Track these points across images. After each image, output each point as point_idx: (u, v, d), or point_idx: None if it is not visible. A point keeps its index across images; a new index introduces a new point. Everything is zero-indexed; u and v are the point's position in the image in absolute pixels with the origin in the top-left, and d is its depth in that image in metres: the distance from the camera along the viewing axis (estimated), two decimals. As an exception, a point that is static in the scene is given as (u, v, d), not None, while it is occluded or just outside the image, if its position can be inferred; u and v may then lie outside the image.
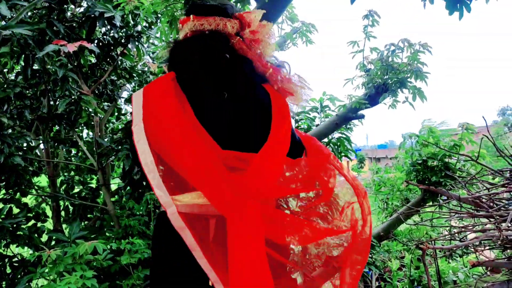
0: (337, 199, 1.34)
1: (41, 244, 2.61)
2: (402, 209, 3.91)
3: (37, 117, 2.82)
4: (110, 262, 2.16)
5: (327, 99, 4.04)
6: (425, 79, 3.38)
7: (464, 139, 3.72)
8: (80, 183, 3.34)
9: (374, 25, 3.55)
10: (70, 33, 2.67)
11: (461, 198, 2.33)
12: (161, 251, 1.18)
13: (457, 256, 3.99)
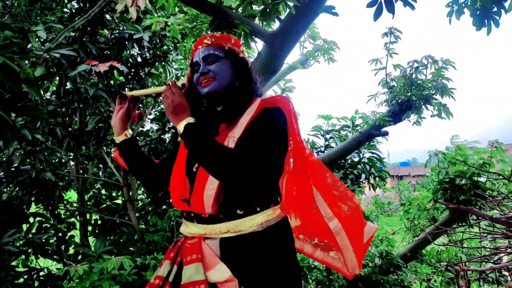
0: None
1: (68, 260, 2.67)
2: (430, 228, 3.80)
3: (68, 133, 2.92)
4: (135, 277, 2.18)
5: (359, 118, 4.01)
6: (451, 95, 3.33)
7: (495, 157, 3.61)
8: (108, 199, 3.41)
9: (396, 41, 3.54)
10: (101, 54, 2.79)
11: (494, 218, 2.24)
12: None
13: (489, 281, 3.81)
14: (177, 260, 1.25)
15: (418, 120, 3.37)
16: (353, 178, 3.74)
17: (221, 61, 1.32)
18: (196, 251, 1.21)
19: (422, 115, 3.38)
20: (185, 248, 1.25)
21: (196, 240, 1.24)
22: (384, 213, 7.87)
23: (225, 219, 1.22)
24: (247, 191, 1.24)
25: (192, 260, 1.20)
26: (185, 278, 1.17)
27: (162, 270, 1.25)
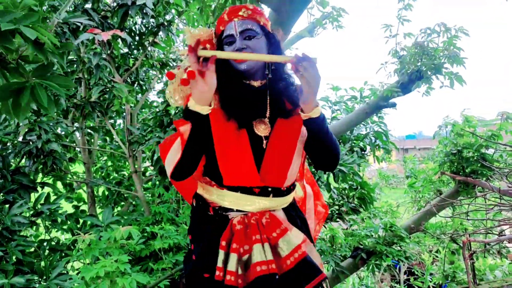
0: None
1: (76, 229, 2.71)
2: (435, 200, 3.80)
3: (73, 104, 2.90)
4: (142, 246, 2.21)
5: (368, 89, 3.93)
6: (463, 64, 3.23)
7: (503, 129, 3.55)
8: (114, 170, 3.43)
9: (408, 9, 3.41)
10: (103, 22, 2.72)
11: (502, 190, 2.23)
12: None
13: (493, 252, 3.85)
14: (264, 239, 1.24)
15: (427, 91, 3.29)
16: (358, 151, 3.71)
17: (258, 38, 1.28)
18: (278, 223, 1.28)
19: (432, 85, 3.30)
20: (266, 224, 1.26)
21: (269, 213, 1.28)
22: (388, 186, 7.91)
23: (292, 190, 1.37)
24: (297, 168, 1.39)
25: (282, 231, 1.27)
26: (286, 250, 1.24)
27: (259, 255, 1.21)
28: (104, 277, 1.86)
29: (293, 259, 1.23)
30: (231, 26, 1.27)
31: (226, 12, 1.31)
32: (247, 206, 1.27)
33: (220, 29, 1.31)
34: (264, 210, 1.27)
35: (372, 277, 4.30)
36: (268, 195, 1.27)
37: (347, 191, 3.53)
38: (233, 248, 1.22)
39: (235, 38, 1.26)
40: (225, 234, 1.24)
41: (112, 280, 1.88)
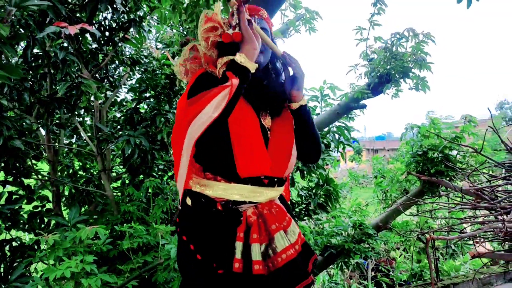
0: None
1: (38, 230, 2.60)
2: (402, 199, 3.93)
3: (37, 100, 2.78)
4: (110, 247, 2.15)
5: (327, 88, 4.00)
6: (430, 69, 3.36)
7: (466, 131, 3.72)
8: (82, 169, 3.33)
9: (380, 13, 3.51)
10: (71, 16, 2.62)
11: (463, 190, 2.33)
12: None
13: (455, 250, 4.02)
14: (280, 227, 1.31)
15: (396, 93, 3.40)
16: (323, 148, 3.78)
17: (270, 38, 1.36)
18: (285, 213, 1.37)
19: (400, 88, 3.41)
20: (278, 214, 1.33)
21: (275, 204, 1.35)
22: (358, 185, 8.09)
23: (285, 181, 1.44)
24: None
25: (290, 219, 1.37)
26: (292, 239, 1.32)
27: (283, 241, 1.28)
28: (69, 278, 1.80)
29: (300, 244, 1.37)
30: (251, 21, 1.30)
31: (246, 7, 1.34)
32: (258, 197, 1.29)
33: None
34: (270, 200, 1.35)
35: (341, 274, 4.39)
36: (274, 185, 1.34)
37: (314, 190, 3.59)
38: (253, 238, 1.24)
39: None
40: (242, 226, 1.25)
41: (77, 281, 1.83)
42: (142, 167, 3.00)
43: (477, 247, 2.67)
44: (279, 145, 1.35)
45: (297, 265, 1.27)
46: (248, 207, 1.29)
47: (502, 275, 3.13)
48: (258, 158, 1.28)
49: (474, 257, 2.19)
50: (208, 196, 1.29)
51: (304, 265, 1.34)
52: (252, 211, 1.28)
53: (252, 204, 1.29)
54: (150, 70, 3.24)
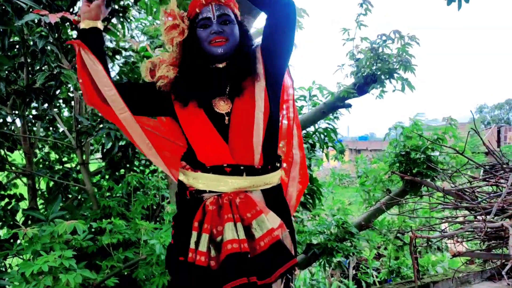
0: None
1: (15, 222, 2.51)
2: (384, 199, 3.97)
3: (13, 91, 2.67)
4: (90, 243, 2.08)
5: (316, 88, 4.01)
6: (413, 71, 3.40)
7: (447, 133, 3.78)
8: (58, 162, 3.22)
9: (366, 14, 3.53)
10: (51, 4, 2.53)
11: (445, 190, 2.36)
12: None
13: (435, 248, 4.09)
14: (237, 218, 1.23)
15: (381, 94, 3.43)
16: (308, 147, 3.78)
17: (233, 23, 1.32)
18: (254, 204, 1.26)
19: (385, 89, 3.44)
20: (240, 205, 1.25)
21: (244, 194, 1.27)
22: (341, 185, 8.18)
23: (271, 171, 1.33)
24: (276, 141, 1.40)
25: (257, 212, 1.25)
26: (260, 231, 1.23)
27: (231, 233, 1.21)
28: (47, 273, 1.73)
29: (268, 240, 1.23)
30: (208, 9, 1.29)
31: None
32: (220, 187, 1.27)
33: (195, 11, 1.31)
34: (239, 190, 1.27)
35: (323, 272, 4.41)
36: (241, 173, 1.27)
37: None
38: (204, 228, 1.23)
39: (212, 22, 1.29)
40: (198, 215, 1.25)
41: (56, 277, 1.76)
42: (123, 161, 2.92)
43: (457, 246, 2.72)
44: (239, 130, 1.28)
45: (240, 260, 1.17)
46: (209, 196, 1.28)
47: (479, 273, 3.20)
48: (212, 147, 1.28)
49: (454, 256, 2.22)
50: (184, 184, 1.34)
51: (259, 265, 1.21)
52: (212, 200, 1.26)
53: (214, 193, 1.28)
54: (130, 62, 3.17)
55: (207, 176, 1.28)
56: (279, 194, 1.38)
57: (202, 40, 1.29)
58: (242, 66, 1.31)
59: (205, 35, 1.28)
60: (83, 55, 1.31)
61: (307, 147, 3.75)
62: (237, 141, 1.28)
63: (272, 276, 1.21)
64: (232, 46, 1.30)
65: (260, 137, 1.29)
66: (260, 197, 1.30)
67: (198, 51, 1.31)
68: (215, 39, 1.27)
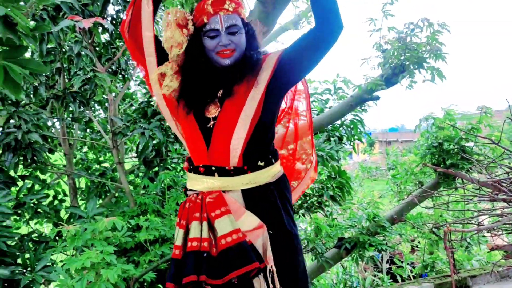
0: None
1: (59, 221, 2.65)
2: (417, 191, 3.89)
3: (52, 95, 2.81)
4: (128, 239, 2.18)
5: (340, 81, 3.98)
6: (444, 59, 3.29)
7: (482, 122, 3.64)
8: (96, 162, 3.36)
9: (392, 3, 3.44)
10: (84, 10, 2.63)
11: (481, 182, 2.29)
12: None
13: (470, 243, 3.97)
14: (203, 217, 1.28)
15: (410, 84, 3.35)
16: (335, 140, 3.76)
17: (241, 32, 1.31)
18: (222, 203, 1.28)
19: (414, 79, 3.35)
20: (208, 204, 1.29)
21: (217, 193, 1.30)
22: (370, 178, 8.05)
23: (248, 171, 1.31)
24: (266, 142, 1.37)
25: (222, 212, 1.26)
26: (220, 231, 1.25)
27: (194, 231, 1.27)
28: (90, 269, 1.83)
29: (230, 240, 1.23)
30: (217, 20, 1.28)
31: (209, 3, 1.29)
32: (197, 186, 1.35)
33: (202, 20, 1.30)
34: (213, 190, 1.31)
35: (356, 266, 4.38)
36: (213, 174, 1.31)
37: (326, 182, 3.58)
38: (179, 223, 1.32)
39: (220, 33, 1.28)
40: (179, 211, 1.35)
41: (98, 272, 1.86)
42: (156, 159, 3.02)
43: (495, 239, 2.64)
44: (219, 133, 1.30)
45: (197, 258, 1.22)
46: (190, 194, 1.37)
47: (519, 267, 3.08)
48: (195, 148, 1.35)
49: (492, 249, 2.16)
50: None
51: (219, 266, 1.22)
52: (190, 198, 1.34)
53: (194, 192, 1.35)
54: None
55: (190, 175, 1.38)
56: (266, 193, 1.34)
57: (209, 49, 1.30)
58: (240, 71, 1.31)
59: (213, 45, 1.28)
60: None
61: (334, 140, 3.73)
62: (216, 143, 1.31)
63: (224, 278, 1.20)
64: (238, 55, 1.31)
65: (241, 140, 1.29)
66: (238, 197, 1.31)
67: (203, 59, 1.32)
68: (223, 51, 1.28)
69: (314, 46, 1.28)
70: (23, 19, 1.23)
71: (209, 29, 1.28)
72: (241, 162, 1.31)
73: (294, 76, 1.38)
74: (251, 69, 1.32)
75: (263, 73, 1.33)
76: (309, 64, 1.33)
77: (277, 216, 1.33)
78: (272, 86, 1.33)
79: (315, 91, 4.11)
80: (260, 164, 1.33)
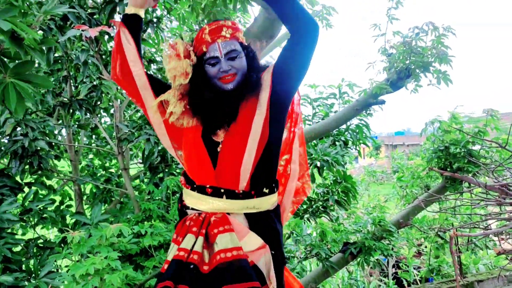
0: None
1: (64, 227, 2.68)
2: (423, 196, 3.86)
3: (59, 102, 2.85)
4: (134, 246, 2.20)
5: (345, 85, 3.98)
6: (450, 63, 3.28)
7: (489, 125, 3.61)
8: (101, 168, 3.39)
9: (397, 7, 3.44)
10: (90, 19, 2.68)
11: (488, 186, 2.27)
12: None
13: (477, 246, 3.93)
14: (201, 233, 1.29)
15: (416, 88, 3.33)
16: (341, 145, 3.76)
17: (241, 56, 1.34)
18: (226, 223, 1.30)
19: (420, 83, 3.34)
20: (214, 222, 1.31)
21: (222, 214, 1.32)
22: (376, 182, 8.00)
23: (255, 196, 1.34)
24: (271, 167, 1.39)
25: (225, 230, 1.29)
26: (222, 245, 1.26)
27: (186, 243, 1.28)
28: (94, 274, 1.85)
29: (230, 255, 1.24)
30: (215, 48, 1.32)
31: (206, 33, 1.34)
32: (201, 206, 1.35)
33: (202, 49, 1.34)
34: (218, 211, 1.33)
35: (361, 271, 4.35)
36: (221, 196, 1.33)
37: (331, 186, 3.57)
38: (176, 239, 1.34)
39: (220, 60, 1.32)
40: (177, 228, 1.37)
41: (102, 278, 1.87)
42: (161, 165, 3.04)
43: (503, 243, 2.61)
44: (228, 157, 1.33)
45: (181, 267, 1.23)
46: (191, 212, 1.38)
47: (528, 272, 3.05)
48: (201, 169, 1.36)
49: (499, 254, 2.14)
50: (181, 196, 1.47)
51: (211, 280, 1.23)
52: (192, 217, 1.35)
53: (195, 211, 1.36)
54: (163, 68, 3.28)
55: (192, 194, 1.38)
56: (267, 220, 1.37)
57: (211, 76, 1.34)
58: (241, 93, 1.34)
59: (214, 72, 1.33)
60: (121, 34, 1.39)
61: (340, 145, 3.73)
62: (224, 166, 1.33)
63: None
64: (240, 78, 1.34)
65: (250, 164, 1.32)
66: (242, 220, 1.34)
67: (207, 85, 1.35)
68: (224, 76, 1.32)
69: (298, 52, 1.32)
70: (30, 32, 1.25)
71: (209, 57, 1.33)
72: (248, 186, 1.34)
73: (291, 85, 1.39)
74: (252, 89, 1.35)
75: (262, 94, 1.36)
76: (300, 69, 1.36)
77: (277, 240, 1.38)
78: (274, 102, 1.36)
79: (320, 96, 4.11)
80: (265, 191, 1.37)
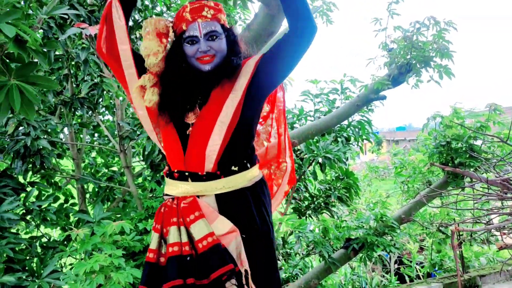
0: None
1: (68, 225, 2.69)
2: (425, 191, 3.86)
3: (60, 101, 2.85)
4: (138, 243, 2.20)
5: (347, 81, 3.97)
6: (451, 57, 3.26)
7: (491, 120, 3.60)
8: (104, 166, 3.40)
9: (398, 2, 3.42)
10: (90, 16, 2.67)
11: (489, 181, 2.27)
12: None
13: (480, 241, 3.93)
14: (180, 222, 1.31)
15: (417, 83, 3.32)
16: (343, 141, 3.76)
17: (221, 38, 1.32)
18: (196, 208, 1.30)
19: (421, 78, 3.33)
20: (183, 209, 1.31)
21: (191, 199, 1.32)
22: (378, 177, 7.98)
23: (221, 176, 1.33)
24: (241, 148, 1.38)
25: (196, 217, 1.29)
26: (196, 235, 1.28)
27: (173, 236, 1.29)
28: (99, 272, 1.86)
29: (206, 243, 1.27)
30: (195, 27, 1.30)
31: (187, 11, 1.32)
32: (172, 191, 1.38)
33: (181, 27, 1.32)
34: (188, 195, 1.34)
35: (364, 267, 4.36)
36: (186, 179, 1.34)
37: (333, 182, 3.58)
38: (155, 227, 1.35)
39: (199, 39, 1.30)
40: (155, 216, 1.38)
41: (107, 275, 1.89)
42: (163, 163, 3.05)
43: (505, 238, 2.61)
44: (196, 139, 1.33)
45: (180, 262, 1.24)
46: (166, 198, 1.40)
47: (531, 267, 3.05)
48: (173, 154, 1.37)
49: (501, 248, 2.14)
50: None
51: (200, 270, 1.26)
52: (166, 203, 1.37)
53: (169, 197, 1.38)
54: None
55: (167, 180, 1.41)
56: (240, 198, 1.36)
57: (189, 56, 1.32)
58: (217, 76, 1.33)
59: (192, 51, 1.30)
60: (113, 7, 1.32)
61: (341, 141, 3.73)
62: (192, 149, 1.33)
63: (210, 277, 1.24)
64: (219, 60, 1.32)
65: (217, 146, 1.31)
66: (212, 202, 1.34)
67: (184, 65, 1.33)
68: (202, 57, 1.30)
69: (291, 50, 1.31)
70: (33, 35, 1.26)
71: (188, 36, 1.31)
72: (215, 168, 1.33)
73: (273, 80, 1.39)
74: (229, 74, 1.34)
75: (241, 79, 1.35)
76: (287, 67, 1.36)
77: (251, 221, 1.35)
78: (251, 91, 1.35)
79: (321, 92, 4.10)
80: (234, 169, 1.35)
